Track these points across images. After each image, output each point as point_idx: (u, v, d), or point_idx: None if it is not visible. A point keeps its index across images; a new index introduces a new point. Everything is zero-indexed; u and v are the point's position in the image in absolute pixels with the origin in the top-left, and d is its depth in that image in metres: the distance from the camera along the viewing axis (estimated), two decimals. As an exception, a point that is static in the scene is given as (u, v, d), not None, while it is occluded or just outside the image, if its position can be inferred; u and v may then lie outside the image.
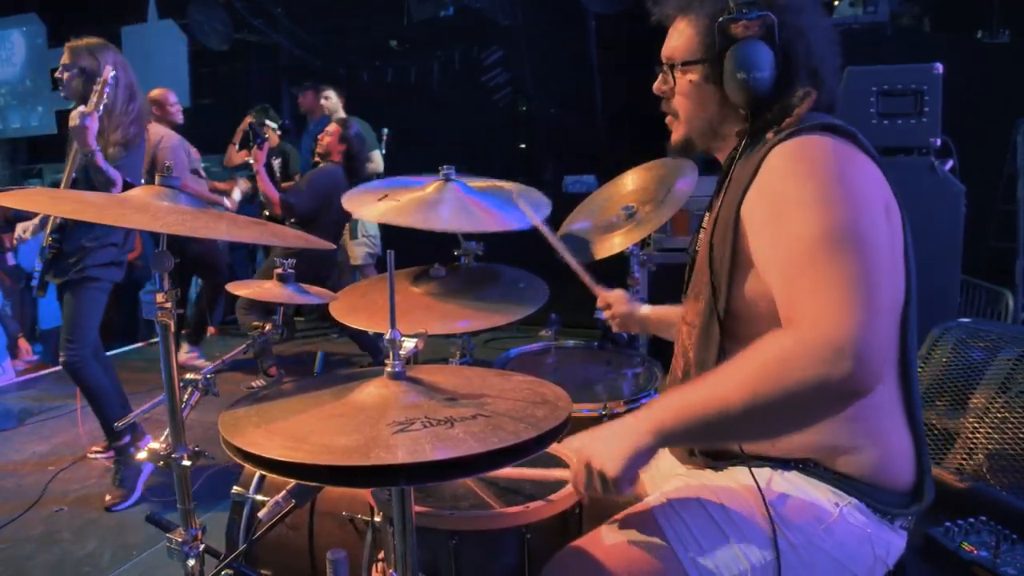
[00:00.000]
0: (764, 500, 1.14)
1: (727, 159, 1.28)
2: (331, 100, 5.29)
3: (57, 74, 3.05)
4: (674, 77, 1.29)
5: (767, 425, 1.05)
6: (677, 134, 1.34)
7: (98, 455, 3.44)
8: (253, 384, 3.75)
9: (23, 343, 5.08)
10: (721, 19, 1.19)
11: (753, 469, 1.18)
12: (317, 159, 4.38)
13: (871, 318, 0.97)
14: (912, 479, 1.21)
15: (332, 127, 4.32)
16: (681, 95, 1.30)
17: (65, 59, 3.03)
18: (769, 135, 1.17)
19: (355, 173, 4.29)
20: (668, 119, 1.35)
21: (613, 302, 1.82)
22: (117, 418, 2.95)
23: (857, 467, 1.16)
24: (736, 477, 1.21)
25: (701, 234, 1.34)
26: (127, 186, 2.89)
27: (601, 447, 1.10)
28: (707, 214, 1.33)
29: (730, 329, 1.20)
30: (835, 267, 1.01)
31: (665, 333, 1.74)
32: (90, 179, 2.90)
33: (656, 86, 1.34)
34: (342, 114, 5.29)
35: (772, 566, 1.12)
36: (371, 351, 4.22)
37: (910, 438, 1.21)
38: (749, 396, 0.98)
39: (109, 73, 2.80)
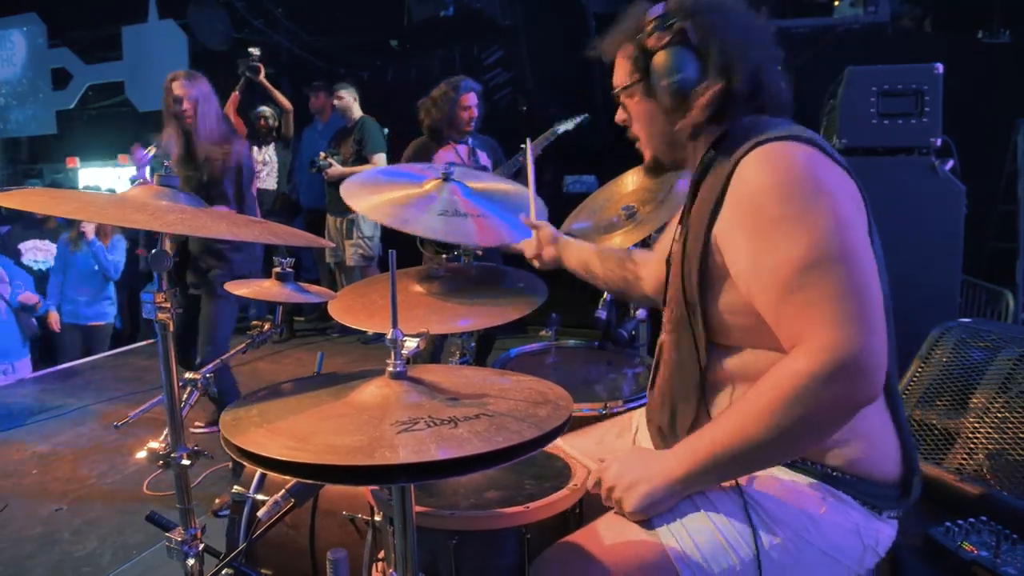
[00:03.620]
0: (743, 495, 1.16)
1: (697, 168, 1.29)
2: (343, 100, 5.24)
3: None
4: (624, 104, 1.36)
5: (792, 450, 1.13)
6: (646, 155, 1.39)
7: (200, 429, 3.54)
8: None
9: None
10: (638, 37, 1.27)
11: None
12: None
13: (872, 329, 1.02)
14: (899, 473, 1.22)
15: None
16: (634, 119, 1.37)
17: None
18: (742, 147, 1.16)
19: None
20: (638, 144, 1.40)
21: (541, 237, 1.83)
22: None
23: (842, 460, 1.17)
24: None
25: (674, 246, 1.35)
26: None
27: (627, 484, 1.17)
28: (679, 226, 1.34)
29: (710, 339, 1.22)
30: (830, 286, 1.04)
31: (581, 270, 1.78)
32: None
33: (617, 117, 1.41)
34: (358, 113, 5.27)
35: (764, 560, 1.13)
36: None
37: (895, 432, 1.22)
38: (773, 428, 1.05)
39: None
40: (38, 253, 5.61)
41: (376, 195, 1.83)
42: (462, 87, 3.78)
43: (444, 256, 2.05)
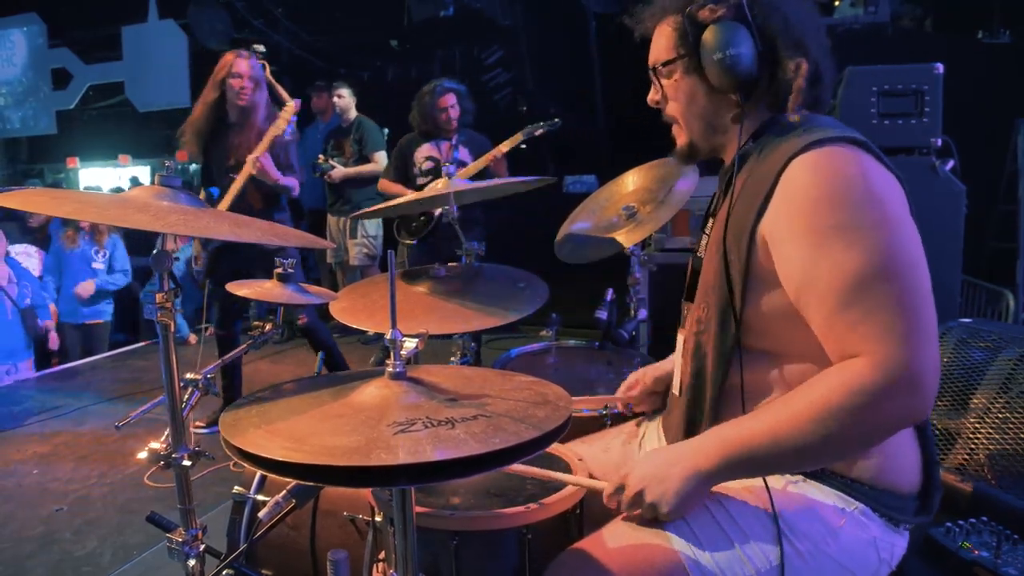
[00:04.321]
0: (772, 504, 1.13)
1: (733, 159, 1.24)
2: (344, 99, 5.25)
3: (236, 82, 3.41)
4: (660, 83, 1.29)
5: (831, 457, 1.12)
6: (680, 140, 1.32)
7: (200, 430, 3.53)
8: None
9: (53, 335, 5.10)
10: (689, 8, 1.19)
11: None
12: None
13: (930, 344, 1.01)
14: (918, 485, 1.20)
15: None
16: (671, 98, 1.28)
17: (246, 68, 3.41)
18: (790, 142, 1.13)
19: None
20: (674, 128, 1.33)
21: (637, 385, 1.62)
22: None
23: (863, 471, 1.16)
24: (741, 480, 1.19)
25: (704, 240, 1.31)
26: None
27: (656, 481, 1.13)
28: (712, 219, 1.31)
29: (744, 341, 1.18)
30: (890, 300, 1.02)
31: None
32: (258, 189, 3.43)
33: (649, 97, 1.33)
34: (354, 113, 5.27)
35: (776, 570, 1.11)
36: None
37: (917, 445, 1.20)
38: (820, 434, 1.02)
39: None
40: (27, 259, 5.55)
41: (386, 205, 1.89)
42: (437, 90, 4.03)
43: (412, 243, 2.06)
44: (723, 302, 1.19)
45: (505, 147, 3.87)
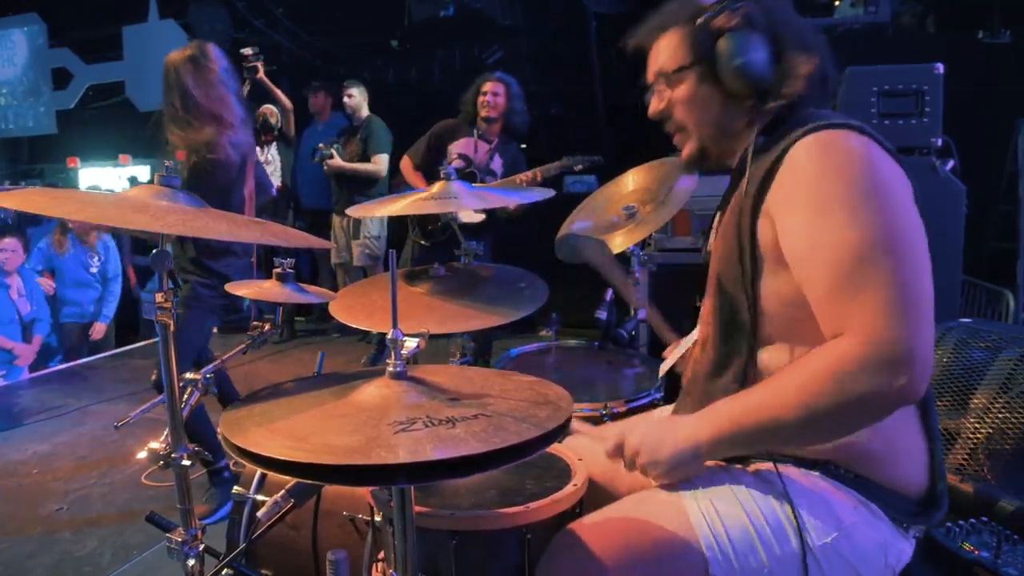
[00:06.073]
0: (785, 497, 1.14)
1: (740, 157, 1.26)
2: (354, 98, 5.20)
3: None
4: (668, 91, 1.29)
5: (816, 435, 1.11)
6: (690, 147, 1.32)
7: (206, 520, 3.30)
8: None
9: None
10: (703, 17, 1.21)
11: (779, 466, 1.17)
12: None
13: (922, 327, 1.00)
14: (925, 486, 1.20)
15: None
16: (681, 104, 1.29)
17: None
18: (797, 131, 1.15)
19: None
20: (676, 137, 1.34)
21: None
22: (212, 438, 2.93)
23: (873, 470, 1.16)
24: (761, 472, 1.20)
25: (712, 236, 1.33)
26: None
27: (651, 446, 1.18)
28: (719, 214, 1.32)
29: (754, 328, 1.19)
30: (886, 276, 1.02)
31: None
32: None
33: (652, 108, 1.33)
34: (366, 112, 5.25)
35: (793, 563, 1.12)
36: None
37: (925, 443, 1.20)
38: (804, 409, 1.03)
39: None
40: None
41: (385, 206, 1.88)
42: (486, 75, 3.89)
43: (424, 242, 2.04)
44: (734, 286, 1.20)
45: (540, 174, 3.67)
